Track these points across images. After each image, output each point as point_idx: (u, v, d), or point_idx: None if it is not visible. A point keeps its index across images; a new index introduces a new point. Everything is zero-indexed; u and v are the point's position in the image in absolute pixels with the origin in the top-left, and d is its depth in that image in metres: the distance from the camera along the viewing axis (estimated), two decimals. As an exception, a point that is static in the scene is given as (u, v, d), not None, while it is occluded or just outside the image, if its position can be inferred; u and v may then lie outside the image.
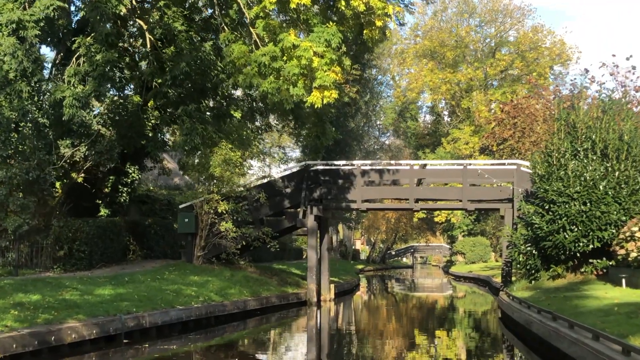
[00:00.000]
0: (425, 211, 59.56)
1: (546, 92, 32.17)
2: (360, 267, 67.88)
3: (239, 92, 34.93)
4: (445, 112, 68.04)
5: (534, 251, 23.35)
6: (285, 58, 20.25)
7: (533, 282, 23.56)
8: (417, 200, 26.54)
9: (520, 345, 16.48)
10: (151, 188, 38.26)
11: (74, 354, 13.37)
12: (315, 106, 20.64)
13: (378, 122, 65.82)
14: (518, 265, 24.05)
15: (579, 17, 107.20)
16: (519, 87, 54.73)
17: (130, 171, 28.69)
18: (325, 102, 20.86)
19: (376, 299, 33.03)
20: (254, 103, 31.04)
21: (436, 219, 61.20)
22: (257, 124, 31.96)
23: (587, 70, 27.30)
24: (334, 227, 60.59)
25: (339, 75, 20.64)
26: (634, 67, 31.06)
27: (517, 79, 57.80)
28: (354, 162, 27.21)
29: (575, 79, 56.71)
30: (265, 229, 25.77)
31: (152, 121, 25.55)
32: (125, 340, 15.16)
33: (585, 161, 22.61)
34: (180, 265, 24.87)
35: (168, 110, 25.43)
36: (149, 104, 26.52)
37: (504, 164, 27.89)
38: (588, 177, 22.16)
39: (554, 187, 22.44)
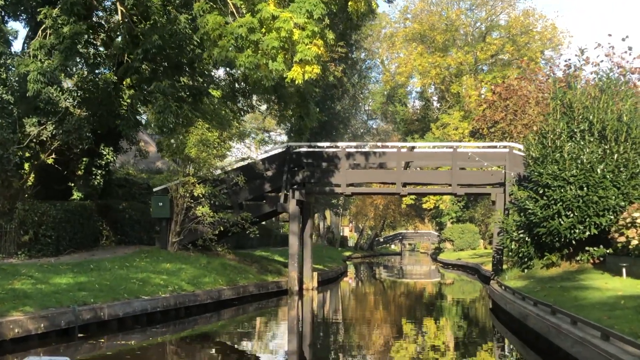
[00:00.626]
0: (413, 197, 58.38)
1: (539, 72, 30.64)
2: (347, 254, 66.53)
3: (220, 72, 33.32)
4: (435, 98, 66.53)
5: (527, 238, 21.94)
6: (263, 30, 18.67)
7: (526, 270, 22.15)
8: (404, 185, 25.03)
9: (515, 340, 15.03)
10: (130, 171, 36.55)
11: (16, 351, 11.76)
12: (296, 82, 19.15)
13: (366, 107, 64.21)
14: (510, 253, 22.63)
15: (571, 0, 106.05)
16: (509, 72, 53.19)
17: (105, 153, 27.00)
18: (307, 77, 19.37)
19: (362, 288, 31.56)
20: (236, 84, 29.45)
21: (424, 206, 59.77)
22: (240, 105, 30.35)
23: (582, 51, 25.62)
24: (320, 213, 59.14)
25: (321, 49, 19.07)
26: (630, 48, 29.57)
27: (508, 64, 56.27)
28: (339, 143, 25.62)
29: (569, 59, 55.01)
30: (245, 214, 24.21)
31: (126, 99, 23.82)
32: (79, 335, 13.60)
33: (582, 143, 21.17)
34: (154, 252, 23.29)
35: (142, 87, 23.67)
36: (124, 82, 24.81)
37: (495, 147, 26.41)
38: (585, 160, 20.74)
39: (549, 171, 21.00)
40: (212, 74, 28.99)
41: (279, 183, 24.81)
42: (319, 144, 26.57)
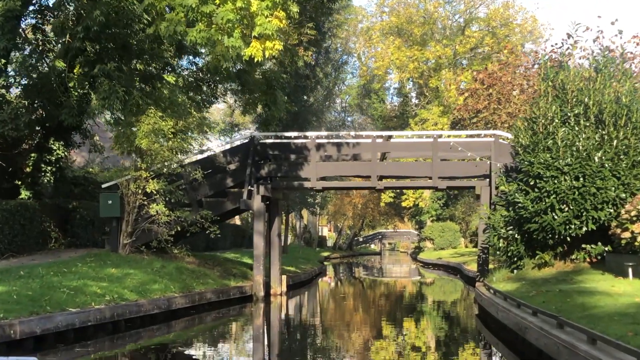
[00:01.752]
0: (392, 194, 55.92)
1: (524, 59, 28.27)
2: (325, 254, 63.95)
3: (184, 62, 30.74)
4: (413, 94, 64.13)
5: (516, 235, 19.53)
6: (217, 1, 16.13)
7: (515, 271, 19.74)
8: (380, 178, 22.47)
9: (514, 358, 12.42)
10: (90, 170, 33.62)
11: None
12: (256, 59, 16.67)
13: (343, 104, 61.65)
14: (498, 252, 20.18)
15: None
16: (489, 65, 50.78)
17: (55, 148, 24.22)
18: (267, 54, 16.88)
19: (336, 292, 28.93)
20: (200, 73, 26.82)
21: (404, 204, 57.34)
22: (204, 96, 27.69)
23: (569, 36, 23.24)
24: (297, 212, 56.48)
25: (283, 22, 16.60)
26: (620, 32, 27.22)
27: (488, 57, 53.90)
28: (308, 133, 22.99)
29: (556, 44, 52.39)
30: (204, 212, 21.55)
31: (69, 86, 21.04)
32: (-22, 359, 10.81)
33: (577, 128, 18.78)
34: (103, 256, 20.55)
35: (86, 71, 20.88)
36: (75, 70, 22.01)
37: (479, 135, 23.93)
38: (581, 147, 18.35)
39: (541, 159, 18.58)
40: (171, 59, 26.29)
41: (242, 177, 22.17)
42: (286, 133, 23.93)
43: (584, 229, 18.07)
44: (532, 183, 18.74)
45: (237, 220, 64.70)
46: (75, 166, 31.64)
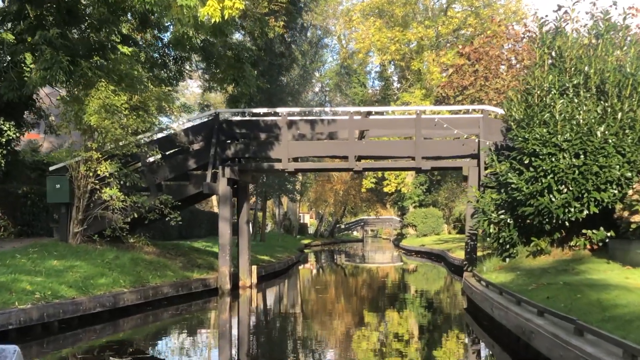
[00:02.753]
0: (373, 180, 53.68)
1: (512, 31, 26.06)
2: (306, 242, 61.81)
3: (148, 36, 28.19)
4: (395, 78, 61.85)
5: (508, 220, 17.40)
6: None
7: (507, 260, 17.63)
8: (358, 158, 20.22)
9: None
10: (53, 153, 30.94)
11: None
12: (213, 20, 14.41)
13: (322, 84, 59.13)
14: (488, 239, 17.99)
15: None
16: (475, 39, 48.39)
17: (5, 129, 21.74)
18: (227, 15, 14.60)
19: (312, 284, 26.68)
20: (166, 49, 24.40)
21: (385, 189, 55.10)
22: (170, 73, 25.27)
23: (559, 7, 20.97)
24: (276, 199, 54.12)
25: (244, -23, 14.25)
26: (615, 3, 24.91)
27: (471, 39, 51.59)
28: (279, 109, 20.63)
29: (547, 16, 50.02)
30: (164, 197, 19.22)
31: (6, 56, 18.55)
32: None
33: (577, 100, 16.58)
34: (49, 246, 18.19)
35: (26, 39, 18.35)
36: (12, 38, 19.44)
37: (467, 111, 21.71)
38: (581, 121, 16.21)
39: (536, 135, 16.44)
40: (133, 33, 23.84)
41: (206, 159, 19.84)
42: (255, 110, 21.53)
43: (585, 212, 16.00)
44: (526, 161, 16.61)
45: (214, 208, 62.39)
46: (42, 151, 29.18)
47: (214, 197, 65.53)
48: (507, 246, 17.40)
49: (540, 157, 16.22)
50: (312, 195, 73.30)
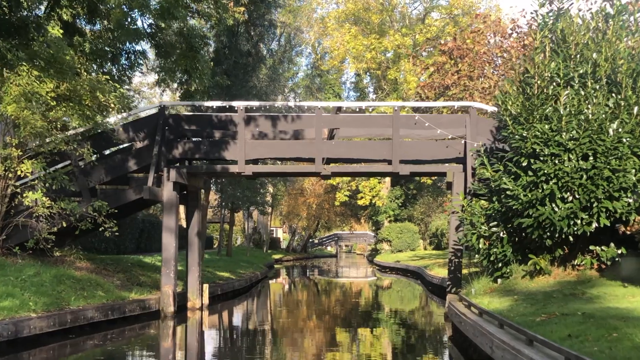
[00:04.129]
0: (347, 192, 50.80)
1: (499, 27, 23.40)
2: (277, 256, 58.69)
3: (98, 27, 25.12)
4: (370, 88, 59.32)
5: (502, 233, 14.57)
6: None
7: (499, 280, 14.76)
8: (327, 161, 17.25)
9: None
10: None
11: None
12: None
13: (295, 91, 56.23)
14: (477, 256, 15.09)
15: None
16: (459, 34, 45.83)
17: None
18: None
19: (275, 305, 23.56)
20: (118, 43, 21.36)
21: (360, 202, 52.26)
22: (121, 67, 22.25)
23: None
24: (246, 211, 50.83)
25: None
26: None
27: (454, 35, 48.98)
28: (235, 103, 17.58)
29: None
30: (98, 204, 16.03)
31: None
32: None
33: (583, 92, 13.81)
34: (-44, 260, 14.90)
35: None
36: None
37: (452, 109, 18.90)
38: (591, 116, 13.41)
39: (537, 132, 13.66)
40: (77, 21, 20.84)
41: (149, 159, 16.73)
42: (207, 103, 18.44)
43: (594, 225, 13.20)
44: (524, 164, 13.80)
45: (182, 221, 58.93)
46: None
47: (182, 208, 62.28)
48: (500, 264, 14.55)
49: (542, 158, 13.44)
50: (285, 209, 70.22)
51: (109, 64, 22.06)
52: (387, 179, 55.04)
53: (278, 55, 41.14)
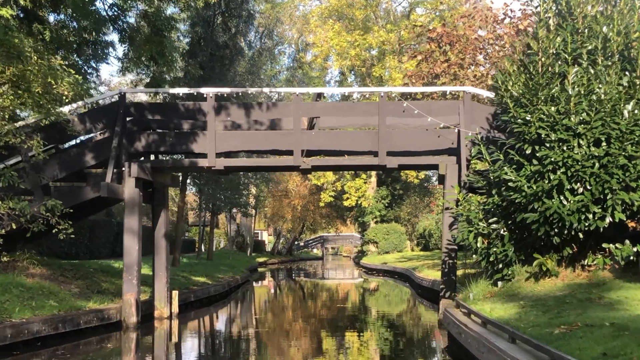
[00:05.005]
0: (332, 193, 49.06)
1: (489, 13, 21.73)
2: (262, 259, 56.75)
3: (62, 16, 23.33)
4: (355, 86, 57.53)
5: (502, 231, 12.84)
6: None
7: (500, 283, 13.03)
8: (307, 154, 15.44)
9: None
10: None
11: None
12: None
13: (275, 85, 54.40)
14: (474, 256, 13.37)
15: None
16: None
17: None
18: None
19: (253, 312, 21.73)
20: (83, 33, 19.62)
21: (345, 203, 50.51)
22: (86, 58, 20.48)
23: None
24: (227, 213, 48.91)
25: None
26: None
27: (442, 19, 47.27)
28: (203, 89, 15.72)
29: None
30: (52, 203, 14.09)
31: None
32: None
33: (593, 71, 12.14)
34: None
35: None
36: None
37: (444, 95, 17.19)
38: (603, 97, 11.73)
39: (542, 115, 11.96)
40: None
41: (108, 153, 14.85)
42: (172, 90, 16.53)
43: (608, 219, 11.53)
44: (528, 151, 12.13)
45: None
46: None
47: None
48: (500, 265, 12.84)
49: (548, 145, 11.77)
50: (269, 211, 68.31)
51: (75, 55, 20.40)
52: (373, 179, 53.41)
53: (257, 48, 39.26)
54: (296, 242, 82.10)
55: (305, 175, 18.14)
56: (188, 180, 35.06)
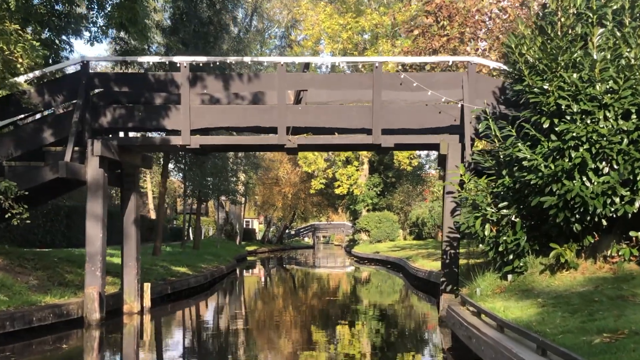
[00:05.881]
0: (323, 180, 47.45)
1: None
2: (252, 248, 55.16)
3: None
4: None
5: (513, 217, 11.12)
6: None
7: (510, 277, 11.33)
8: (293, 131, 13.68)
9: None
10: None
11: None
12: None
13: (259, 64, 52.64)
14: (481, 245, 11.71)
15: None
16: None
17: None
18: None
19: (235, 304, 20.01)
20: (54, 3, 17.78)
21: (337, 191, 48.93)
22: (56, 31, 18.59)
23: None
24: (215, 200, 47.09)
25: None
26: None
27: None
28: (176, 58, 13.91)
29: None
30: (5, 184, 12.33)
31: None
32: None
33: (620, 33, 10.42)
34: None
35: None
36: None
37: (447, 66, 15.45)
38: (633, 61, 10.02)
39: (562, 84, 10.23)
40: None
41: (70, 129, 13.05)
42: (141, 58, 14.67)
43: (638, 203, 9.89)
44: (545, 126, 10.42)
45: (151, 213, 54.86)
46: None
47: (150, 197, 58.01)
48: (511, 256, 11.18)
49: (569, 117, 10.09)
50: (260, 199, 66.56)
51: (46, 29, 18.56)
52: (365, 166, 51.75)
53: (244, 25, 37.39)
54: (287, 231, 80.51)
55: (292, 154, 16.36)
56: (171, 166, 33.37)
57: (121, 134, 14.50)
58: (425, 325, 14.31)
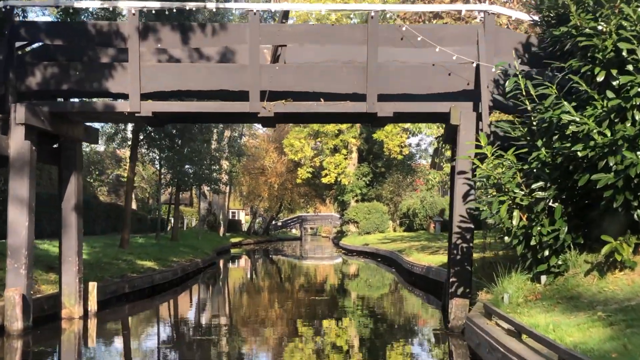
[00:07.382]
0: (310, 169, 44.70)
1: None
2: (236, 240, 52.48)
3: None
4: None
5: (551, 202, 8.34)
6: None
7: (544, 278, 8.56)
8: (269, 97, 10.89)
9: None
10: None
11: None
12: None
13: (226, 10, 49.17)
14: (506, 238, 8.97)
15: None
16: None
17: None
18: None
19: (202, 306, 17.17)
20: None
21: (324, 180, 46.24)
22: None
23: None
24: (197, 188, 44.16)
25: None
26: None
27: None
28: (122, 3, 11.02)
29: None
30: None
31: None
32: None
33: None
34: None
35: None
36: None
37: (459, 13, 12.72)
38: None
39: (623, 22, 7.43)
40: None
41: (-10, 91, 10.24)
42: (79, 3, 11.58)
43: None
44: (600, 79, 7.69)
45: (134, 203, 51.82)
46: None
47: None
48: (547, 252, 8.49)
49: (633, 67, 7.37)
50: (245, 189, 63.66)
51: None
52: (354, 154, 49.03)
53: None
54: (274, 222, 77.83)
55: (269, 126, 13.54)
56: (146, 150, 30.57)
57: (59, 99, 11.65)
58: (430, 332, 11.60)
